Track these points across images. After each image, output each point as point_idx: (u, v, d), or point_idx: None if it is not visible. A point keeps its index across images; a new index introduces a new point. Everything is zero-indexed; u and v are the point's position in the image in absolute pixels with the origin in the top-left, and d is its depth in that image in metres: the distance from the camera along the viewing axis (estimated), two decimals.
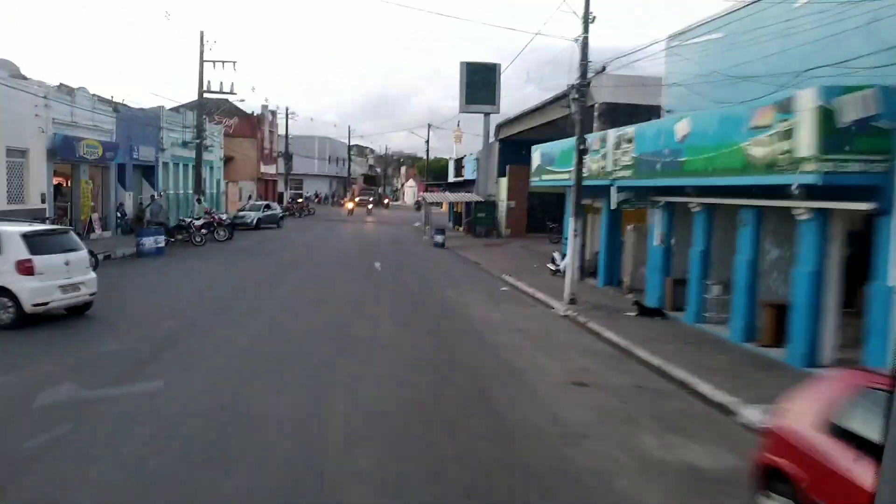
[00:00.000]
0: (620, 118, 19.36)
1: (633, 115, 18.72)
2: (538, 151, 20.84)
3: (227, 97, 32.53)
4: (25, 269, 10.87)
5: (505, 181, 36.20)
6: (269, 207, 38.16)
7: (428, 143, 49.81)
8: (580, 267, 19.42)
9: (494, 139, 38.13)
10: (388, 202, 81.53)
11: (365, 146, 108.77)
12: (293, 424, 7.11)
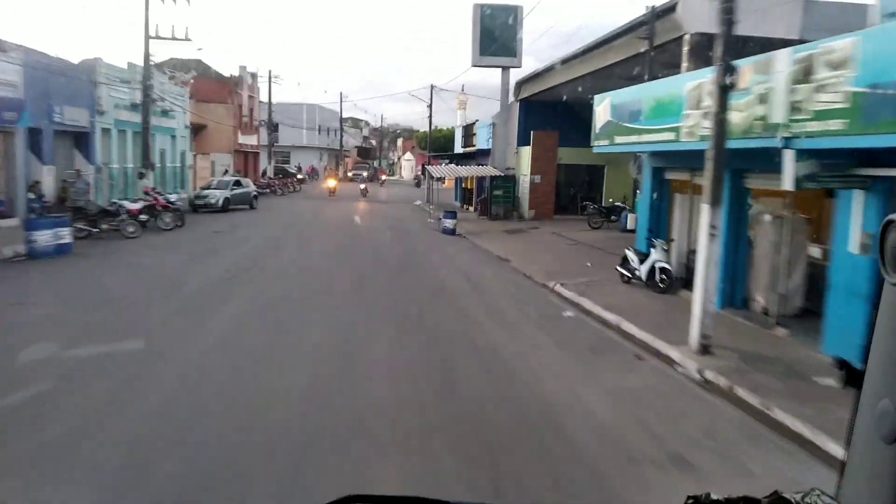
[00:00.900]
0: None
1: (741, 50, 12.21)
2: (605, 102, 14.19)
3: (177, 43, 25.61)
4: None
5: (528, 151, 29.50)
6: (238, 184, 31.38)
7: (431, 107, 42.98)
8: (672, 278, 12.98)
9: (514, 99, 31.38)
10: (384, 179, 71.73)
11: (360, 119, 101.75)
12: None
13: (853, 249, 8.68)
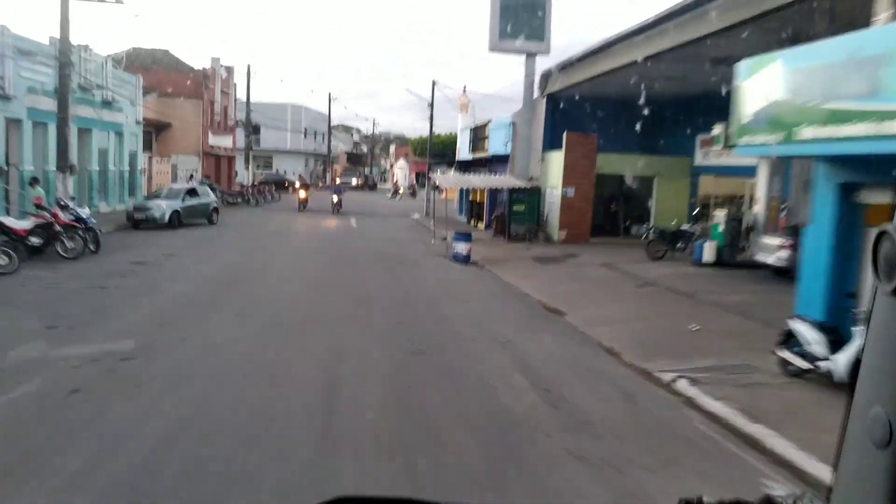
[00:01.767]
0: None
1: None
2: (770, 68, 8.17)
3: (105, 6, 19.41)
4: None
5: (559, 157, 23.51)
6: (194, 193, 25.02)
7: (432, 105, 37.05)
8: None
9: (539, 94, 25.44)
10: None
11: (350, 126, 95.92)
12: None
13: None
